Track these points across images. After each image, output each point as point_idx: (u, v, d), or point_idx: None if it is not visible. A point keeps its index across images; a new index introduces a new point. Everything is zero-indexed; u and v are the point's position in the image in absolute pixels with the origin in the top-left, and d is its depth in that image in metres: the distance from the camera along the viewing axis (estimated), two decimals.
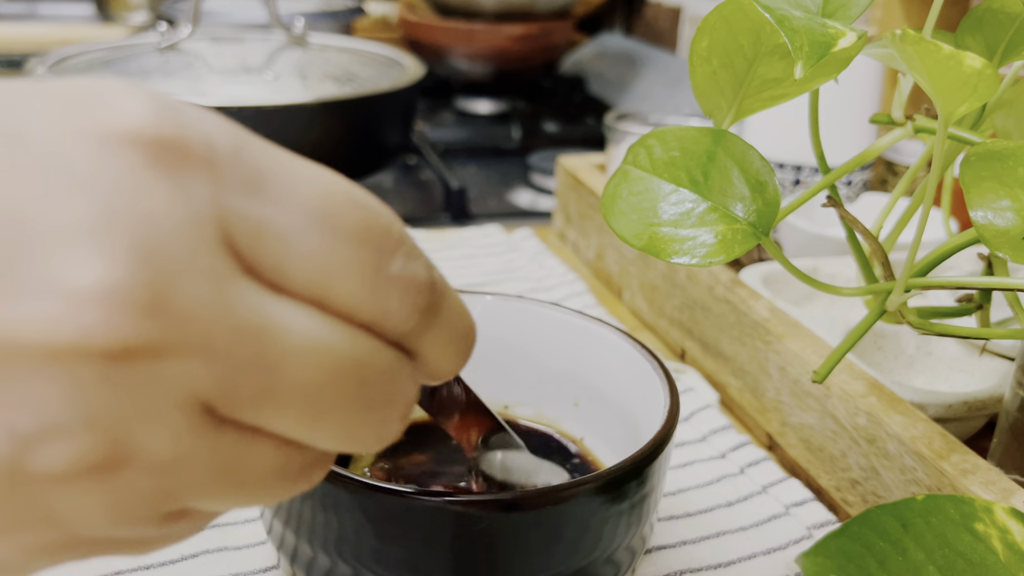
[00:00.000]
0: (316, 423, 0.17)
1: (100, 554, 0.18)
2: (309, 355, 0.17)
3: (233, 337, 0.16)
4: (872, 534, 0.29)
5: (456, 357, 0.21)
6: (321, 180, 0.18)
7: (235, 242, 0.16)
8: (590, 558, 0.29)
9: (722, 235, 0.32)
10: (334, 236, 0.17)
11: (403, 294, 0.18)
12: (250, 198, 0.17)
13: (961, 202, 0.53)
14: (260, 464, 0.18)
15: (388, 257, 0.18)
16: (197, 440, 0.16)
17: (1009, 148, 0.29)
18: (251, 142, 0.17)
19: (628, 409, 0.36)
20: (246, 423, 0.17)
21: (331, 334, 0.17)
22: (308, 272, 0.17)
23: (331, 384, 0.17)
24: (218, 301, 0.16)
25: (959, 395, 0.41)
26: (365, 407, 0.18)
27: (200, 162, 0.16)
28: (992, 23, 0.35)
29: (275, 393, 0.17)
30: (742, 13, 0.33)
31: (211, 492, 0.17)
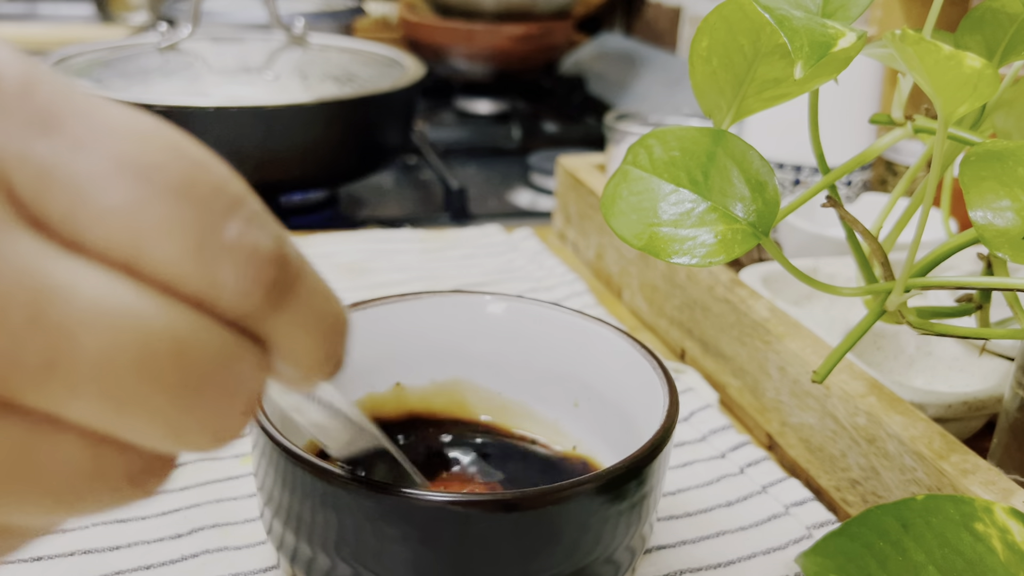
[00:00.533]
0: (124, 411, 0.14)
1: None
2: (106, 323, 0.14)
3: (3, 292, 0.13)
4: (872, 534, 0.29)
5: (318, 348, 0.17)
6: (137, 125, 0.15)
7: (12, 186, 0.14)
8: (590, 558, 0.29)
9: (722, 235, 0.32)
10: (146, 188, 0.14)
11: (240, 265, 0.15)
12: (36, 137, 0.14)
13: (961, 202, 0.53)
14: (65, 464, 0.15)
15: (219, 219, 0.15)
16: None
17: (1009, 148, 0.29)
18: (50, 79, 0.15)
19: (627, 409, 0.36)
20: (38, 409, 0.14)
21: (137, 302, 0.14)
22: (110, 229, 0.14)
23: (138, 363, 0.14)
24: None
25: (959, 395, 0.41)
26: (191, 396, 0.15)
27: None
28: (992, 23, 0.35)
29: (64, 369, 0.14)
30: (742, 13, 0.33)
31: (10, 497, 0.14)
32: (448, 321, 0.39)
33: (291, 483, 0.28)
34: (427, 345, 0.39)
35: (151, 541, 0.36)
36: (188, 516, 0.37)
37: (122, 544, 0.35)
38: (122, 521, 0.36)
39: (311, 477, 0.27)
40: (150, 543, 0.35)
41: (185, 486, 0.39)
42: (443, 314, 0.39)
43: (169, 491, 0.38)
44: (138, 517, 0.37)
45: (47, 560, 0.34)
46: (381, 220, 0.74)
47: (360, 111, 0.70)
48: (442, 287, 0.59)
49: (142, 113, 0.15)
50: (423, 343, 0.39)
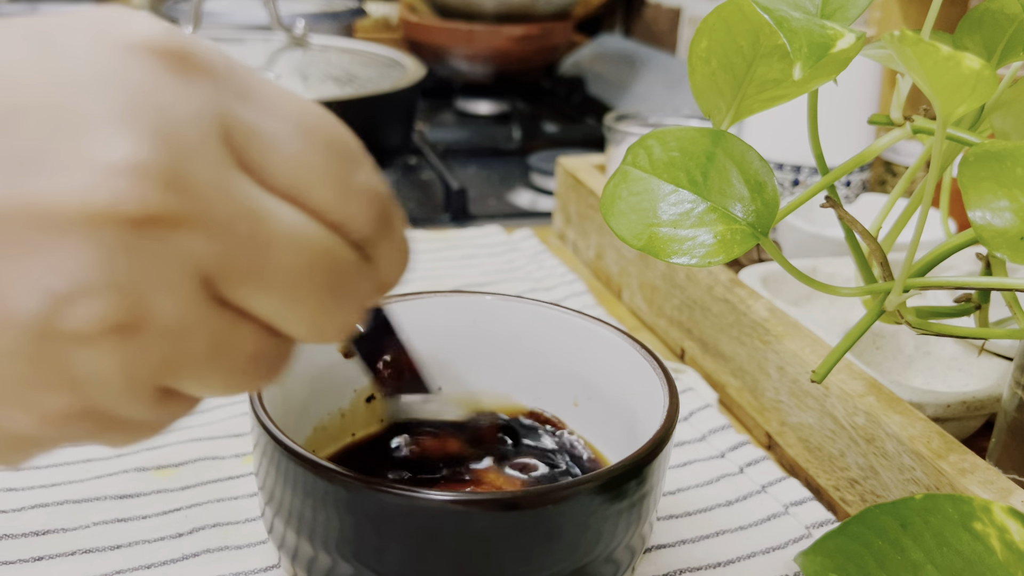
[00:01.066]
0: (294, 305, 0.20)
1: (99, 433, 0.20)
2: (292, 240, 0.19)
3: (233, 215, 0.18)
4: (871, 533, 0.29)
5: (400, 267, 0.23)
6: (297, 98, 0.21)
7: (232, 139, 0.19)
8: (590, 557, 0.29)
9: (721, 235, 0.32)
10: (311, 144, 0.20)
11: (365, 202, 0.21)
12: (243, 104, 0.19)
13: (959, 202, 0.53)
14: (244, 345, 0.20)
15: (354, 168, 0.21)
16: (200, 312, 0.19)
17: (1007, 149, 0.29)
18: (240, 64, 0.20)
19: (627, 408, 0.36)
20: (237, 303, 0.19)
21: (309, 226, 0.20)
22: (289, 173, 0.20)
23: (309, 268, 0.20)
24: (221, 184, 0.18)
25: (957, 395, 0.41)
26: (333, 295, 0.20)
27: (203, 70, 0.19)
28: (990, 24, 0.35)
29: (263, 272, 0.19)
30: (741, 14, 0.33)
31: (202, 369, 0.19)
32: (448, 321, 0.39)
33: (292, 482, 0.28)
34: (427, 345, 0.39)
35: (152, 540, 0.36)
36: (189, 515, 0.37)
37: (123, 543, 0.35)
38: (123, 520, 0.36)
39: (312, 476, 0.27)
40: (151, 542, 0.36)
41: (186, 485, 0.39)
42: (443, 314, 0.39)
43: (170, 491, 0.38)
44: (139, 516, 0.37)
45: (48, 560, 0.34)
46: None
47: (360, 112, 0.70)
48: (442, 287, 0.59)
49: (290, 89, 0.21)
50: (423, 343, 0.39)
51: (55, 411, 0.19)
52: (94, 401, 0.19)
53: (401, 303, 0.38)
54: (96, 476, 0.39)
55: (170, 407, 0.20)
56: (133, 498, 0.38)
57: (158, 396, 0.20)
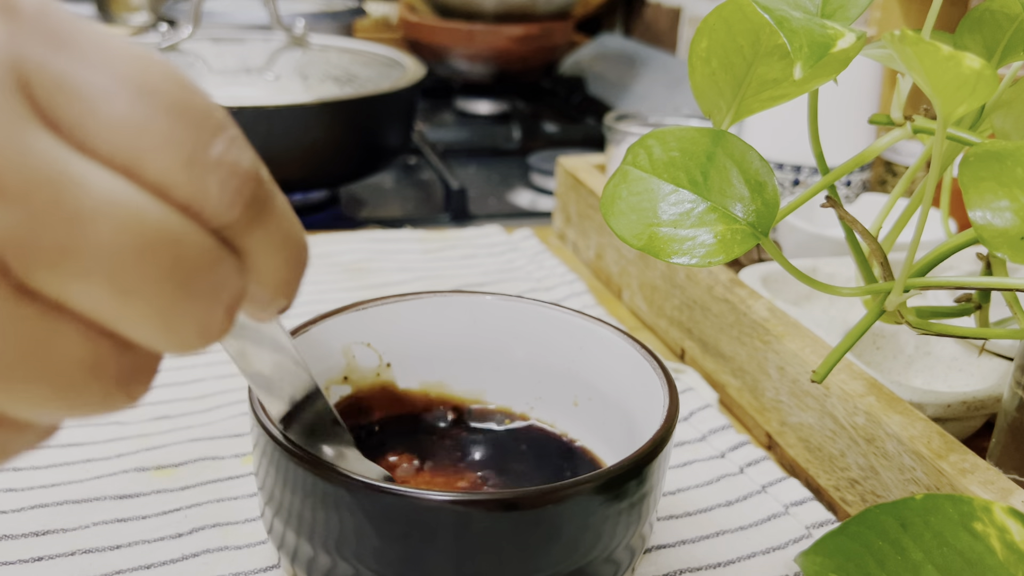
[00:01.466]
0: (127, 299, 0.16)
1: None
2: (113, 214, 0.16)
3: (27, 180, 0.15)
4: (871, 533, 0.29)
5: (287, 267, 0.19)
6: (138, 53, 0.17)
7: (32, 90, 0.15)
8: (589, 557, 0.29)
9: (721, 235, 0.32)
10: (146, 105, 0.16)
11: (224, 179, 0.17)
12: (53, 51, 0.16)
13: (960, 202, 0.53)
14: (67, 350, 0.16)
15: (207, 137, 0.17)
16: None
17: (1008, 148, 0.29)
18: (61, 8, 0.17)
19: (627, 408, 0.36)
20: (47, 294, 0.16)
21: (139, 199, 0.16)
22: (115, 137, 0.16)
23: (140, 251, 0.16)
24: (10, 141, 0.15)
25: (958, 395, 0.41)
26: (182, 289, 0.17)
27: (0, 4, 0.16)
28: (991, 24, 0.35)
29: (76, 252, 0.15)
30: (741, 14, 0.33)
31: (9, 380, 0.16)
32: (448, 321, 0.39)
33: (292, 482, 0.28)
34: (427, 345, 0.39)
35: (152, 540, 0.36)
36: (189, 515, 0.37)
37: (123, 543, 0.35)
38: (122, 520, 0.36)
39: (312, 476, 0.27)
40: (151, 542, 0.35)
41: (185, 485, 0.39)
42: (443, 314, 0.39)
43: (169, 491, 0.38)
44: (138, 516, 0.37)
45: (48, 560, 0.34)
46: (381, 220, 0.74)
47: (360, 111, 0.70)
48: (442, 287, 0.59)
49: (140, 43, 0.17)
50: (423, 343, 0.39)
51: None
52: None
53: (401, 303, 0.38)
54: (96, 476, 0.39)
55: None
56: (133, 498, 0.38)
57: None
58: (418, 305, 0.38)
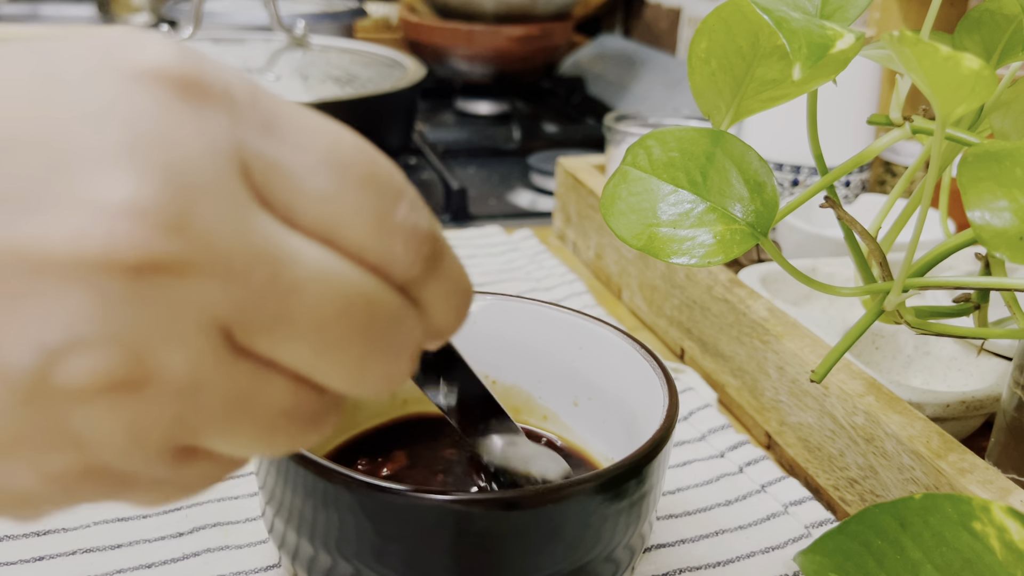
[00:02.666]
0: (328, 354, 0.18)
1: (116, 493, 0.18)
2: (321, 282, 0.18)
3: (250, 259, 0.17)
4: (870, 533, 0.29)
5: (456, 312, 0.21)
6: (330, 128, 0.19)
7: (251, 175, 0.17)
8: (589, 556, 0.29)
9: (721, 235, 0.32)
10: (342, 179, 0.18)
11: (407, 240, 0.19)
12: (265, 137, 0.18)
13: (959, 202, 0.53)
14: (273, 399, 0.18)
15: (393, 203, 0.19)
16: (215, 365, 0.17)
17: (1006, 149, 0.29)
18: (266, 92, 0.19)
19: (627, 408, 0.36)
20: (261, 353, 0.18)
21: (341, 267, 0.18)
22: (318, 211, 0.18)
23: (342, 313, 0.18)
24: (237, 224, 0.17)
25: (957, 394, 0.41)
26: (375, 342, 0.19)
27: (220, 99, 0.17)
28: (990, 24, 0.35)
29: (289, 319, 0.17)
30: (741, 15, 0.33)
31: (224, 426, 0.18)
32: None
33: (293, 482, 0.28)
34: None
35: (152, 540, 0.36)
36: (189, 515, 0.37)
37: (124, 543, 0.35)
38: (123, 520, 0.37)
39: (312, 476, 0.27)
40: (151, 542, 0.36)
41: None
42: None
43: None
44: (139, 516, 0.37)
45: (49, 559, 0.34)
46: None
47: (361, 112, 0.70)
48: None
49: (329, 119, 0.19)
50: None
51: (58, 471, 0.17)
52: (101, 461, 0.17)
53: None
54: None
55: (197, 467, 0.19)
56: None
57: (178, 455, 0.18)
58: None
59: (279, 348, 0.18)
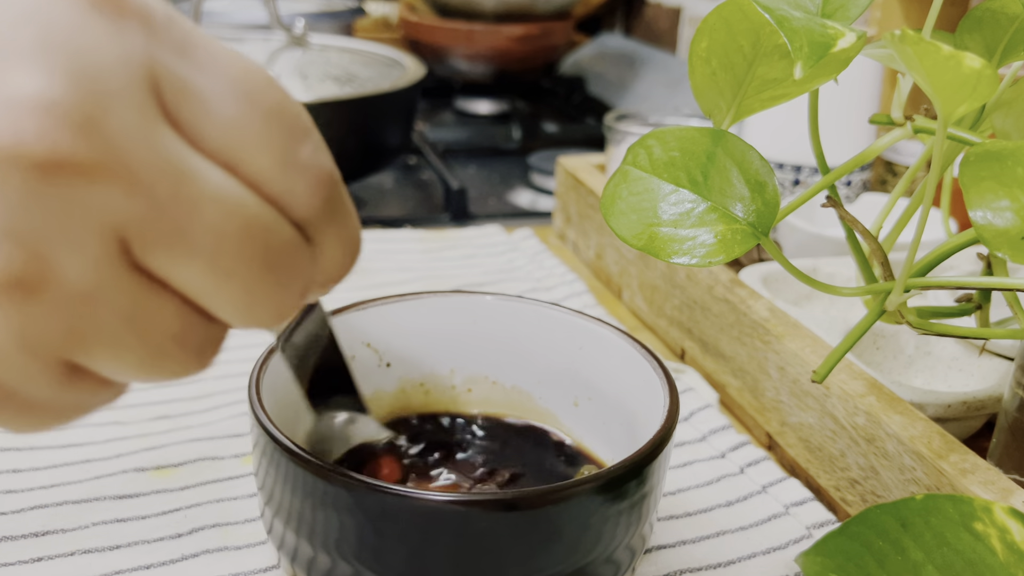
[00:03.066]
0: (221, 278, 0.18)
1: (2, 412, 0.18)
2: (221, 204, 0.18)
3: (155, 171, 0.17)
4: (871, 533, 0.29)
5: (345, 259, 0.21)
6: (243, 61, 0.19)
7: (161, 92, 0.18)
8: (590, 557, 0.29)
9: (721, 235, 0.32)
10: (250, 109, 0.19)
11: (309, 179, 0.19)
12: (178, 58, 0.18)
13: (960, 202, 0.53)
14: (164, 320, 0.18)
15: (298, 141, 0.19)
16: (111, 276, 0.17)
17: (1008, 148, 0.29)
18: (183, 18, 0.19)
19: (628, 409, 0.36)
20: (156, 272, 0.18)
21: (242, 193, 0.18)
22: (223, 136, 0.18)
23: (239, 238, 0.18)
24: (144, 135, 0.17)
25: (958, 395, 0.41)
26: (268, 272, 0.19)
27: (136, 14, 0.18)
28: (991, 23, 0.35)
29: (187, 236, 0.17)
30: (742, 14, 0.33)
31: (113, 343, 0.18)
32: (448, 321, 0.39)
33: (292, 482, 0.28)
34: (426, 345, 0.39)
35: (151, 540, 0.36)
36: (188, 516, 0.37)
37: (122, 543, 0.35)
38: (122, 520, 0.36)
39: (312, 476, 0.27)
40: (150, 542, 0.35)
41: (185, 486, 0.39)
42: (443, 314, 0.39)
43: (169, 490, 0.38)
44: (138, 516, 0.37)
45: (47, 560, 0.34)
46: (381, 220, 0.74)
47: (360, 111, 0.70)
48: (442, 287, 0.59)
49: (243, 54, 0.19)
50: (422, 343, 0.39)
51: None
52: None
53: (401, 303, 0.38)
54: (95, 477, 0.39)
55: (81, 388, 0.19)
56: (132, 498, 0.38)
57: (65, 372, 0.18)
58: (418, 305, 0.38)
59: (174, 267, 0.18)
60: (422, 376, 0.39)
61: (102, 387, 0.19)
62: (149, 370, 0.19)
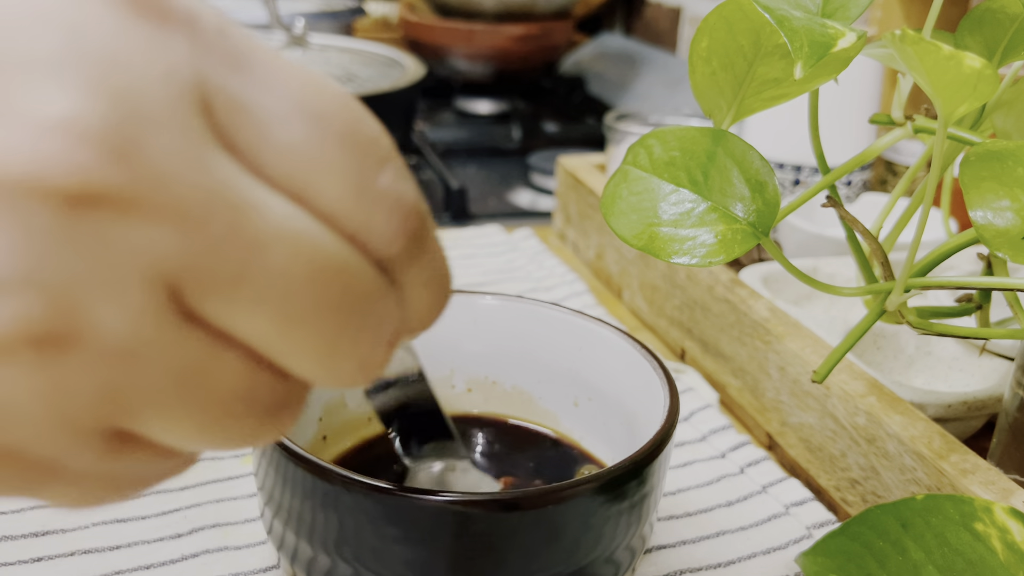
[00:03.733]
0: (294, 329, 0.15)
1: (33, 485, 0.15)
2: (289, 242, 0.15)
3: (208, 203, 0.14)
4: (872, 534, 0.29)
5: (435, 304, 0.19)
6: (310, 76, 0.16)
7: (212, 112, 0.15)
8: (590, 558, 0.29)
9: (722, 235, 0.32)
10: (319, 131, 0.16)
11: (390, 211, 0.16)
12: (231, 72, 0.15)
13: (961, 202, 0.53)
14: (225, 379, 0.15)
15: (376, 167, 0.16)
16: (158, 328, 0.14)
17: (1008, 148, 0.29)
18: (238, 27, 0.16)
19: (628, 409, 0.36)
20: (215, 323, 0.15)
21: (313, 228, 0.15)
22: (289, 163, 0.15)
23: (312, 281, 0.15)
24: (193, 162, 0.14)
25: (958, 395, 0.41)
26: (349, 321, 0.16)
27: (182, 21, 0.15)
28: (991, 23, 0.35)
29: (250, 280, 0.15)
30: (742, 13, 0.33)
31: (165, 407, 0.15)
32: (447, 321, 0.39)
33: (292, 483, 0.28)
34: (426, 346, 0.39)
35: (151, 541, 0.36)
36: (188, 516, 0.37)
37: (122, 544, 0.35)
38: (122, 521, 0.36)
39: (312, 477, 0.27)
40: (150, 543, 0.35)
41: (185, 486, 0.39)
42: (443, 314, 0.39)
43: (169, 491, 0.38)
44: (138, 517, 0.37)
45: (47, 560, 0.34)
46: None
47: None
48: None
49: (310, 67, 0.17)
50: (422, 344, 0.39)
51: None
52: (17, 440, 0.14)
53: None
54: None
55: (135, 459, 0.16)
56: (132, 499, 0.38)
57: (111, 442, 0.15)
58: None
59: (236, 317, 0.15)
60: None
61: (161, 456, 0.16)
62: (213, 436, 0.16)
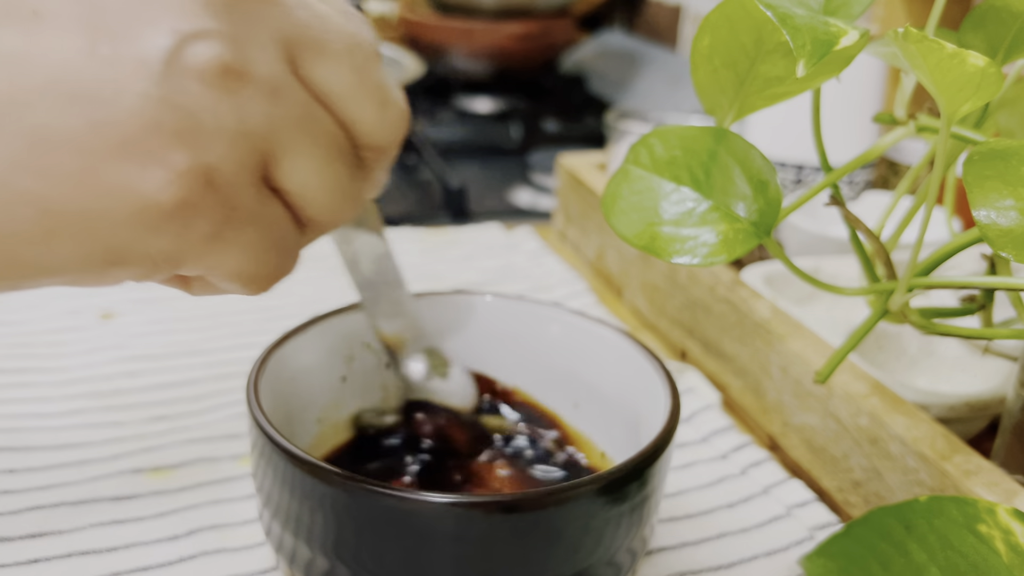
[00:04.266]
0: (362, 85, 0.24)
1: (219, 226, 0.22)
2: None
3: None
4: (875, 536, 0.29)
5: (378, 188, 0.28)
6: (348, 9, 0.25)
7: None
8: (591, 560, 0.28)
9: (724, 234, 0.32)
10: (361, 53, 0.24)
11: (399, 116, 0.27)
12: (297, 7, 0.23)
13: (964, 201, 0.53)
14: (326, 124, 0.24)
15: (392, 86, 0.26)
16: (287, 76, 0.22)
17: (1012, 147, 0.29)
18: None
19: (629, 410, 0.35)
20: (311, 84, 0.23)
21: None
22: (339, 76, 0.24)
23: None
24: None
25: (962, 396, 0.41)
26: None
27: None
28: (995, 21, 0.35)
29: (328, 46, 0.23)
30: (744, 11, 0.32)
31: (294, 144, 0.23)
32: (447, 321, 0.39)
33: (290, 484, 0.28)
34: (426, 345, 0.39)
35: (148, 542, 0.35)
36: (186, 517, 0.37)
37: (119, 545, 0.35)
38: (119, 522, 0.36)
39: (310, 478, 0.27)
40: (147, 544, 0.35)
41: (183, 487, 0.39)
42: (443, 314, 0.39)
43: (166, 492, 0.38)
44: (135, 518, 0.37)
45: (44, 562, 0.34)
46: None
47: None
48: (442, 287, 0.59)
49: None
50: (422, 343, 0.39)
51: (182, 167, 0.21)
52: (216, 157, 0.21)
53: None
54: (92, 478, 0.39)
55: (278, 209, 0.23)
56: (129, 500, 0.37)
57: (264, 186, 0.22)
58: (418, 305, 0.38)
59: (326, 74, 0.23)
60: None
61: (294, 224, 0.24)
62: (325, 179, 0.24)
